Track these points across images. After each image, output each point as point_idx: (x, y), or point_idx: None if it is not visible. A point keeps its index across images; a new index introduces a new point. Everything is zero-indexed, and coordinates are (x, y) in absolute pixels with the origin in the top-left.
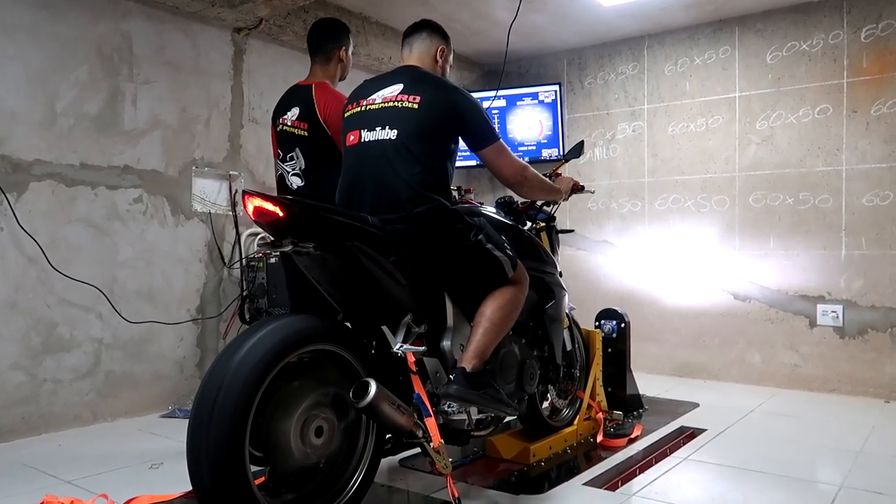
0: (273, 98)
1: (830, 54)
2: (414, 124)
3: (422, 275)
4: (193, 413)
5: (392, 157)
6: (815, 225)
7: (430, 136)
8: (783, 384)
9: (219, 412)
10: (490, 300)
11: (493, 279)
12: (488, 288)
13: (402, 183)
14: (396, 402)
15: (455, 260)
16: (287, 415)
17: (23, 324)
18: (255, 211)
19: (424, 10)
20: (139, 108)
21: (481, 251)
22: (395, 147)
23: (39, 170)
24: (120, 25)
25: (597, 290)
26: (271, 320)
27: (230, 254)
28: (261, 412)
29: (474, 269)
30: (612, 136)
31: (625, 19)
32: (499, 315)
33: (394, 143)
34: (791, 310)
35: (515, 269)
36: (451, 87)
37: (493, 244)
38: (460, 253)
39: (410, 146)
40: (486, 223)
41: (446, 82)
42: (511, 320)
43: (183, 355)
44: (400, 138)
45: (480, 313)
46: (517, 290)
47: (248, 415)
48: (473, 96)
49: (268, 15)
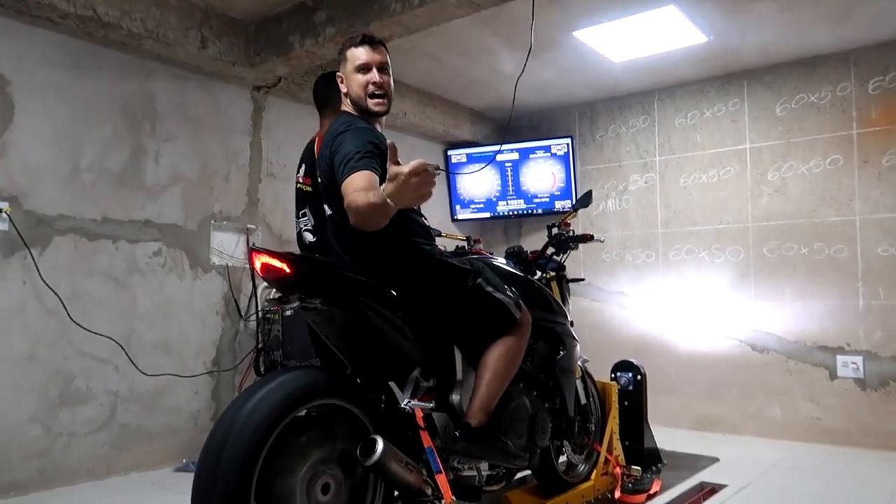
0: (290, 153)
1: (839, 106)
2: (331, 195)
3: (429, 328)
4: (199, 467)
5: (340, 233)
6: (831, 275)
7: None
8: (804, 437)
9: (224, 466)
10: (491, 350)
11: (500, 323)
12: (496, 333)
13: (361, 252)
14: (405, 460)
15: (457, 307)
16: (294, 470)
17: (41, 376)
18: (262, 267)
19: (437, 65)
20: (161, 164)
21: (482, 295)
22: (336, 223)
23: (63, 224)
24: (144, 84)
25: (611, 341)
26: (280, 373)
27: (246, 306)
28: (267, 467)
29: (479, 314)
30: (624, 187)
31: (634, 74)
32: (501, 364)
33: (333, 220)
34: (810, 361)
35: (521, 310)
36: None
37: (493, 287)
38: (461, 299)
39: (344, 217)
40: (483, 266)
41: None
42: (514, 368)
43: (198, 408)
44: (333, 210)
45: (483, 364)
46: (518, 336)
47: (253, 469)
48: (343, 131)
49: (286, 74)
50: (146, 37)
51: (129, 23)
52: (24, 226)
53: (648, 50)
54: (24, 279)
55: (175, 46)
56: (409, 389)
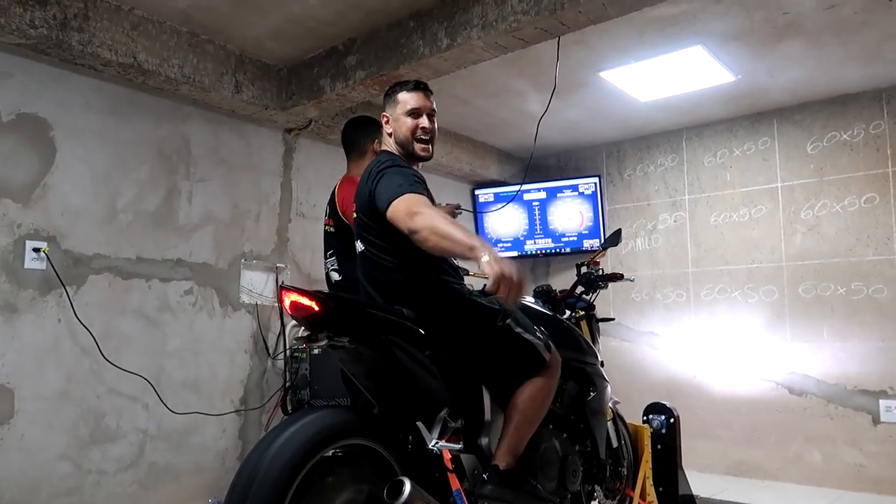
0: (319, 193)
1: (873, 144)
2: (365, 230)
3: (457, 368)
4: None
5: (371, 270)
6: (871, 315)
7: (378, 232)
8: (847, 486)
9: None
10: (520, 391)
11: (530, 365)
12: (525, 375)
13: (390, 289)
14: (432, 503)
15: (486, 347)
16: None
17: (73, 414)
18: (291, 306)
19: (466, 108)
20: (194, 204)
21: (511, 336)
22: (367, 259)
23: (98, 263)
24: (180, 128)
25: (643, 382)
26: (307, 412)
27: (275, 344)
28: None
29: (508, 355)
30: (653, 226)
31: (662, 113)
32: (530, 406)
33: (364, 256)
34: (851, 405)
35: (551, 352)
36: (365, 175)
37: (523, 327)
38: (490, 340)
39: (376, 253)
40: (513, 307)
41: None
42: (543, 410)
43: (225, 447)
44: (365, 246)
45: (512, 406)
46: (548, 378)
47: None
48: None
49: (317, 116)
50: (183, 82)
51: (167, 69)
52: (61, 265)
53: (676, 90)
54: (59, 317)
55: (210, 91)
56: (437, 430)
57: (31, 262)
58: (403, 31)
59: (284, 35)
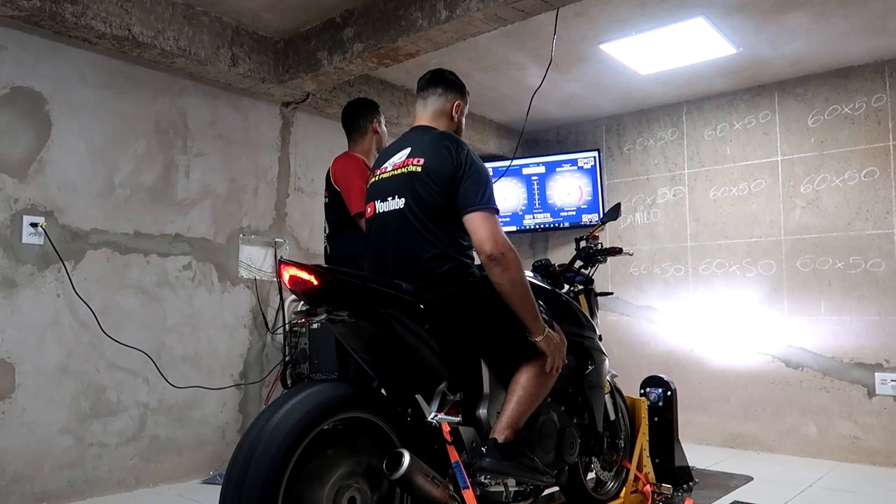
0: (317, 167)
1: (874, 117)
2: (418, 189)
3: (457, 342)
4: (226, 479)
5: (402, 228)
6: (868, 289)
7: (434, 199)
8: (842, 457)
9: (251, 479)
10: (525, 369)
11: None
12: (526, 354)
13: (415, 253)
14: (431, 474)
15: (489, 326)
16: (320, 484)
17: (73, 388)
18: (290, 280)
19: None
20: (191, 179)
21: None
22: (403, 218)
23: (96, 238)
24: (176, 102)
25: (641, 356)
26: (306, 386)
27: (274, 319)
28: (294, 481)
29: (510, 335)
30: (652, 200)
31: (662, 86)
32: (533, 384)
33: (402, 214)
34: (847, 378)
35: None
36: (455, 148)
37: None
38: (494, 319)
39: (418, 215)
40: None
41: (452, 143)
42: (546, 389)
43: (225, 420)
44: (407, 207)
45: (515, 381)
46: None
47: (280, 483)
48: (478, 160)
49: (315, 90)
50: (178, 55)
51: (162, 42)
52: (59, 240)
53: (676, 62)
54: (58, 292)
55: (206, 64)
56: (436, 403)
57: (28, 236)
58: (402, 3)
59: (281, 6)
